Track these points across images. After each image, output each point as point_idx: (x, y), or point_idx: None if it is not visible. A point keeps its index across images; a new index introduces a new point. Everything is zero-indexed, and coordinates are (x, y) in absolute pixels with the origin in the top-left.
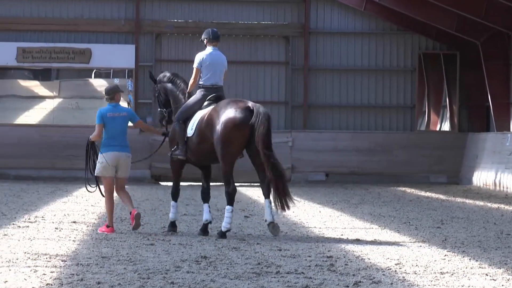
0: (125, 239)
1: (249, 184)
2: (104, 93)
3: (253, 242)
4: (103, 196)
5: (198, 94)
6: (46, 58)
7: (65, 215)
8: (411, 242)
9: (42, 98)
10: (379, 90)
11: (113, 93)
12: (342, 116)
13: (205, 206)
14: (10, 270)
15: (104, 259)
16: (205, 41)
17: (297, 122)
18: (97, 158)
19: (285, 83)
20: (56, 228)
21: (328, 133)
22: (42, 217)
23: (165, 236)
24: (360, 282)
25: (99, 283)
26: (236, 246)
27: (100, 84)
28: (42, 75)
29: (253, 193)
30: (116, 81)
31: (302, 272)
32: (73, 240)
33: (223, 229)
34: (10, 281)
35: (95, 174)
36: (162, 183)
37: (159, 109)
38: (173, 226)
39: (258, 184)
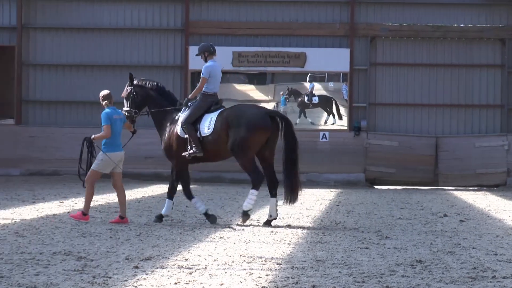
0: (340, 243)
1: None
2: (101, 98)
3: (469, 246)
4: (84, 186)
5: (203, 100)
6: (261, 62)
7: (280, 218)
8: None
9: (258, 102)
10: None
11: (110, 98)
12: None
13: (169, 201)
14: (226, 272)
15: (319, 262)
16: (205, 54)
17: None
18: (93, 155)
19: (501, 86)
20: (271, 232)
21: None
22: (257, 220)
23: (380, 240)
24: None
25: (314, 286)
26: (452, 250)
27: (315, 88)
28: (258, 79)
29: (468, 197)
30: (331, 84)
31: None
32: (288, 243)
33: (245, 208)
34: (226, 283)
35: (95, 169)
36: (377, 187)
37: (127, 109)
38: (208, 216)
39: (469, 188)
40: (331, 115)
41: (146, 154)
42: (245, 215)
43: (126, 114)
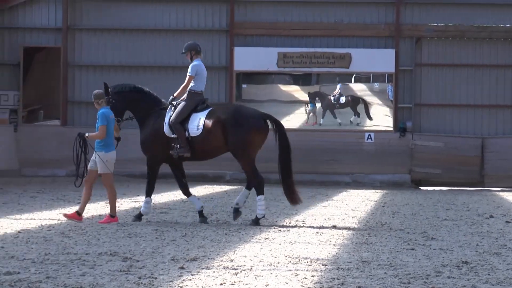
0: (386, 244)
1: None
2: (96, 97)
3: None
4: (76, 185)
5: (190, 99)
6: (307, 63)
7: (325, 219)
8: None
9: (303, 102)
10: None
11: (104, 97)
12: None
13: (193, 197)
14: (271, 273)
15: (364, 263)
16: (192, 53)
17: None
18: (84, 154)
19: None
20: (316, 233)
21: None
22: (303, 221)
23: (426, 241)
24: None
25: (359, 287)
26: (498, 252)
27: (360, 89)
28: (303, 80)
29: None
30: (376, 85)
31: None
32: (334, 244)
33: (259, 216)
34: (272, 284)
35: (105, 172)
36: (423, 188)
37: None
38: (138, 217)
39: None
40: (360, 115)
41: None
42: (257, 223)
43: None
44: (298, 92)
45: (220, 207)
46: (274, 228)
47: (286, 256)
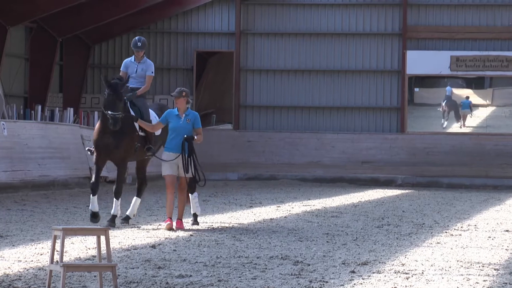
0: None
1: None
2: (188, 94)
3: None
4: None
5: (145, 98)
6: (479, 66)
7: (497, 223)
8: None
9: (475, 106)
10: None
11: None
12: None
13: (95, 198)
14: (442, 278)
15: None
16: (144, 51)
17: None
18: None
19: None
20: (489, 237)
21: None
22: (475, 225)
23: None
24: None
25: None
26: None
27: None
28: (475, 84)
29: None
30: None
31: None
32: (506, 249)
33: (197, 213)
34: None
35: (189, 175)
36: None
37: (120, 113)
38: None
39: None
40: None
41: (363, 158)
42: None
43: (119, 119)
44: (471, 96)
45: (391, 211)
46: (446, 232)
47: (457, 261)
